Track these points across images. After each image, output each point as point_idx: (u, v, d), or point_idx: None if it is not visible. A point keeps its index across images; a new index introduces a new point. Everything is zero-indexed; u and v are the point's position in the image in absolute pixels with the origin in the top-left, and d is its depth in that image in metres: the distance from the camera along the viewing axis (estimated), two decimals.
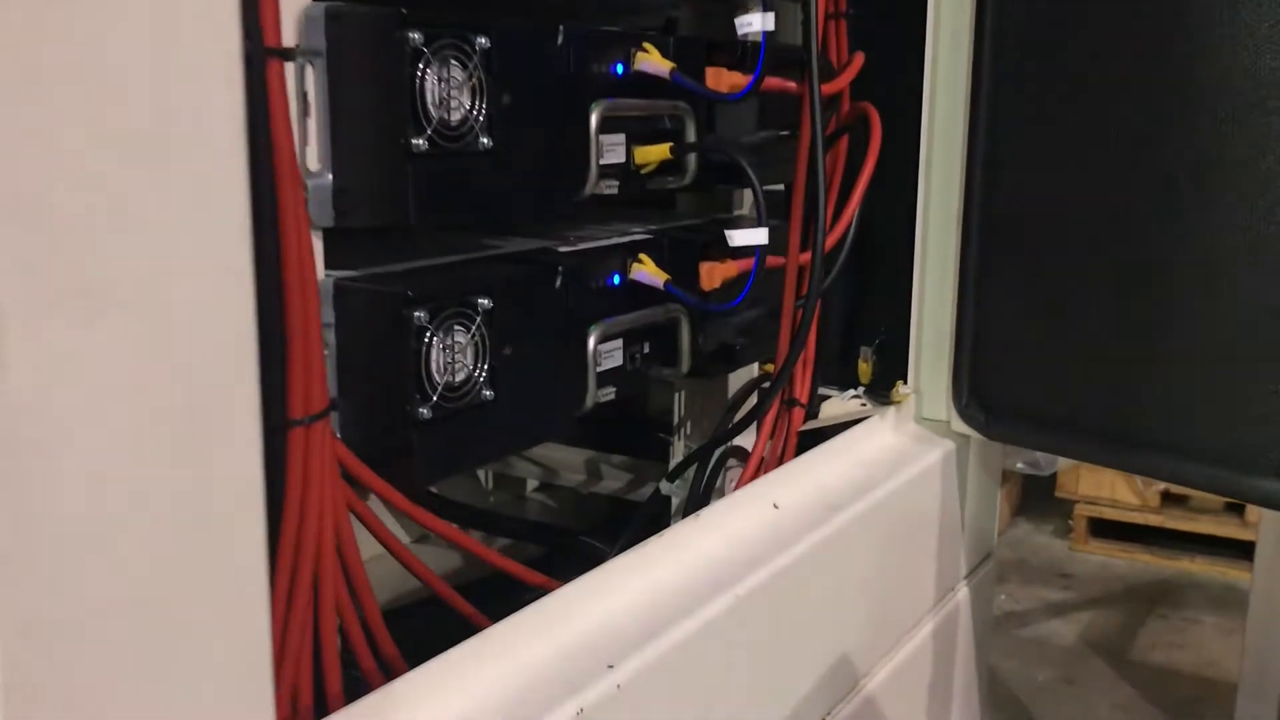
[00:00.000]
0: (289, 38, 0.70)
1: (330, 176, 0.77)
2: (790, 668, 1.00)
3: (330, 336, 0.80)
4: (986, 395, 1.27)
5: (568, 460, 1.40)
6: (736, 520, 1.01)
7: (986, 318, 1.25)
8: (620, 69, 0.95)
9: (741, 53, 1.04)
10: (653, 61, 0.95)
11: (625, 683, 0.78)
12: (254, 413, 0.60)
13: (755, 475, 1.14)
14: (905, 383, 1.34)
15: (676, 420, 1.32)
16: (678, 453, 1.33)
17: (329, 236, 0.80)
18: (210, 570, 0.58)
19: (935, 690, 1.32)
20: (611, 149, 0.96)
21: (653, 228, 1.08)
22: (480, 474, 1.52)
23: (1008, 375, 1.25)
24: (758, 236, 0.96)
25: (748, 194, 1.37)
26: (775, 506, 1.07)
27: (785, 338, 1.12)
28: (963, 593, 1.37)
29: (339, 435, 0.80)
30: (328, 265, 0.80)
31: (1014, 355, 1.24)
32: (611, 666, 0.79)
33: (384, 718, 0.70)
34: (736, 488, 1.16)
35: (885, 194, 1.33)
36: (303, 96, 0.75)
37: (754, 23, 1.00)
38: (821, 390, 1.47)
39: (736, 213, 1.31)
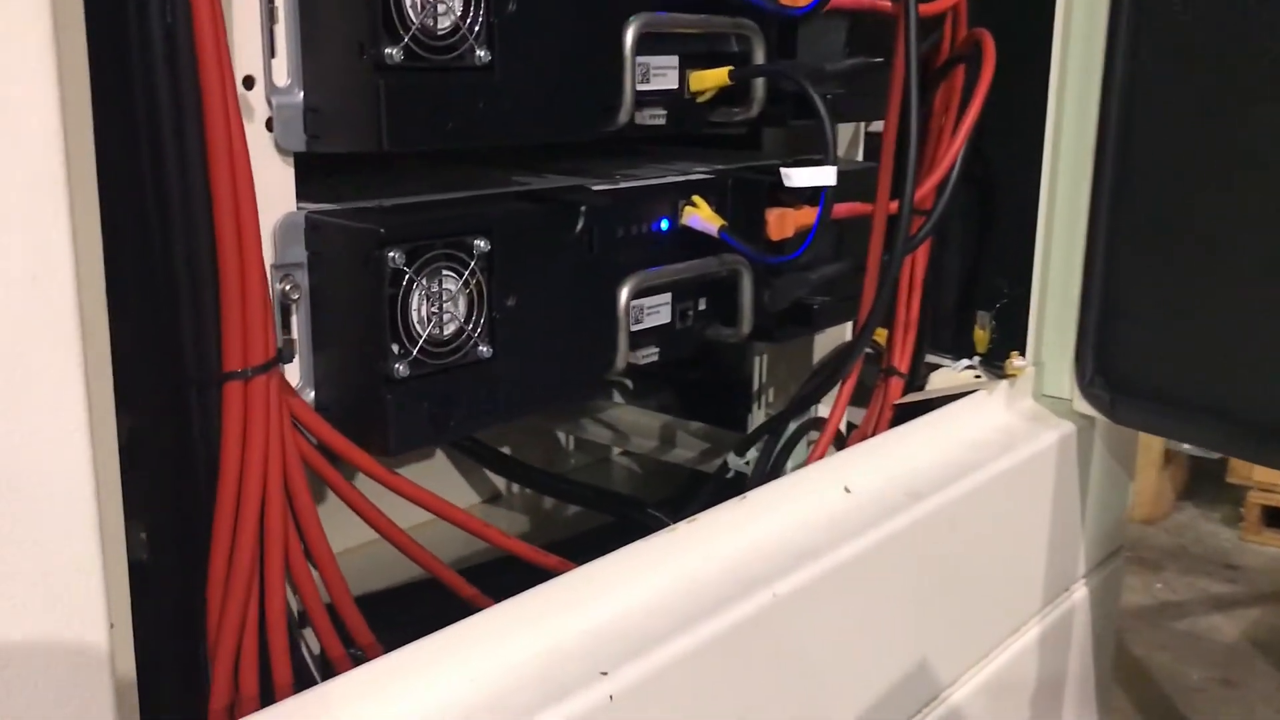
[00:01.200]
0: None
1: (300, 94, 0.67)
2: (841, 677, 0.86)
3: (303, 279, 0.70)
4: (1114, 373, 1.10)
5: (644, 425, 1.29)
6: (793, 504, 0.87)
7: (1117, 286, 1.08)
8: None
9: None
10: None
11: (619, 694, 0.67)
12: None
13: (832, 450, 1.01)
14: (1022, 355, 1.17)
15: (757, 387, 1.19)
16: (757, 422, 1.19)
17: (321, 167, 0.70)
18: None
19: (1040, 702, 1.16)
20: (659, 74, 0.83)
21: (717, 167, 0.95)
22: (561, 435, 1.42)
23: (1139, 351, 1.07)
24: (823, 176, 0.82)
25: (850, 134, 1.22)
26: (847, 490, 0.94)
27: (869, 297, 0.98)
28: (1080, 593, 1.20)
29: (314, 394, 0.71)
30: (315, 199, 0.70)
31: (1148, 329, 1.06)
32: (605, 674, 0.67)
33: (322, 716, 0.60)
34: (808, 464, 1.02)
35: (1014, 136, 1.16)
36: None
37: None
38: (934, 358, 1.32)
39: None
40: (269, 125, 0.67)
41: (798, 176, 0.82)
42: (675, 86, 0.85)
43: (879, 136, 1.02)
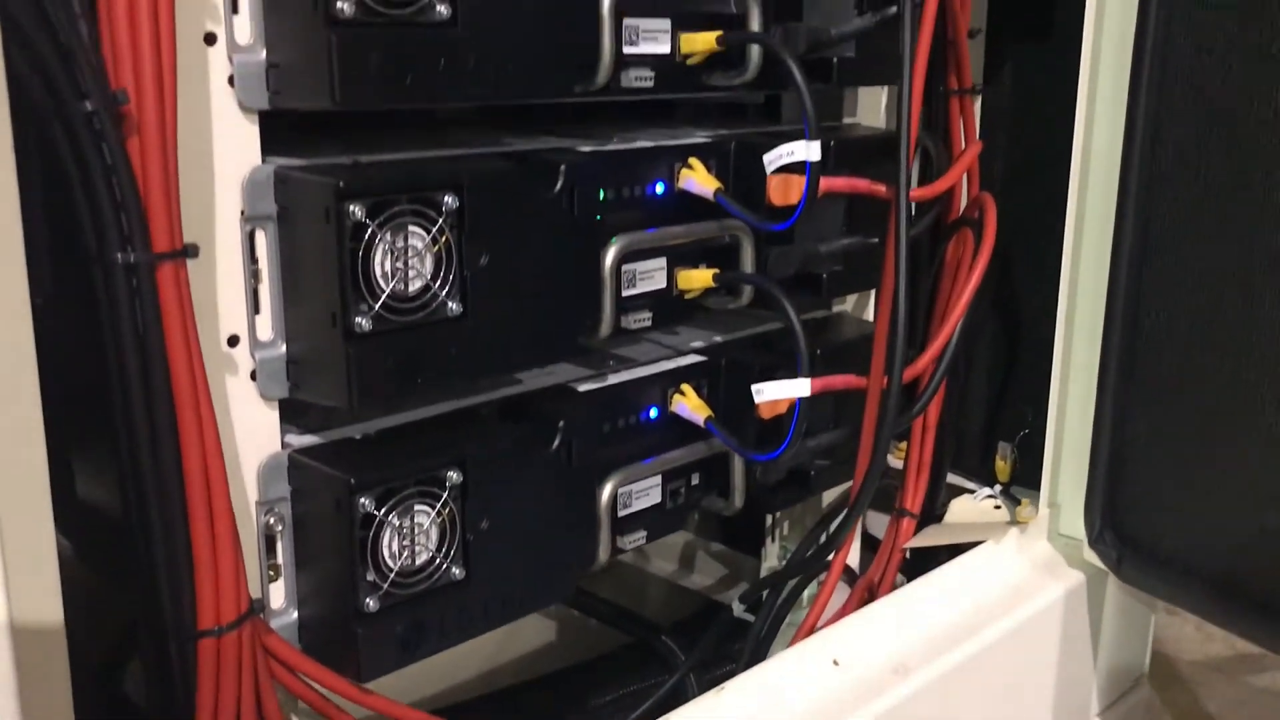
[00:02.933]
0: None
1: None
2: None
3: (287, 511, 0.75)
4: (1122, 530, 1.09)
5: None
6: (772, 695, 0.89)
7: (1126, 443, 1.07)
8: None
9: None
10: None
11: None
12: None
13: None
14: (1033, 501, 1.17)
15: (770, 521, 1.21)
16: (769, 556, 1.22)
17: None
18: None
19: None
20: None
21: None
22: None
23: (1147, 512, 1.07)
24: (806, 150, 0.82)
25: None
26: (835, 663, 0.96)
27: (862, 465, 0.99)
28: None
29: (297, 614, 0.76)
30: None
31: (1156, 491, 1.06)
32: None
33: None
34: (800, 633, 1.04)
35: (1036, 264, 1.16)
36: None
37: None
38: (957, 479, 1.33)
39: None
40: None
41: (770, 390, 0.84)
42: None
43: None
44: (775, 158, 0.84)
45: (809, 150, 0.82)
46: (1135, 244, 1.03)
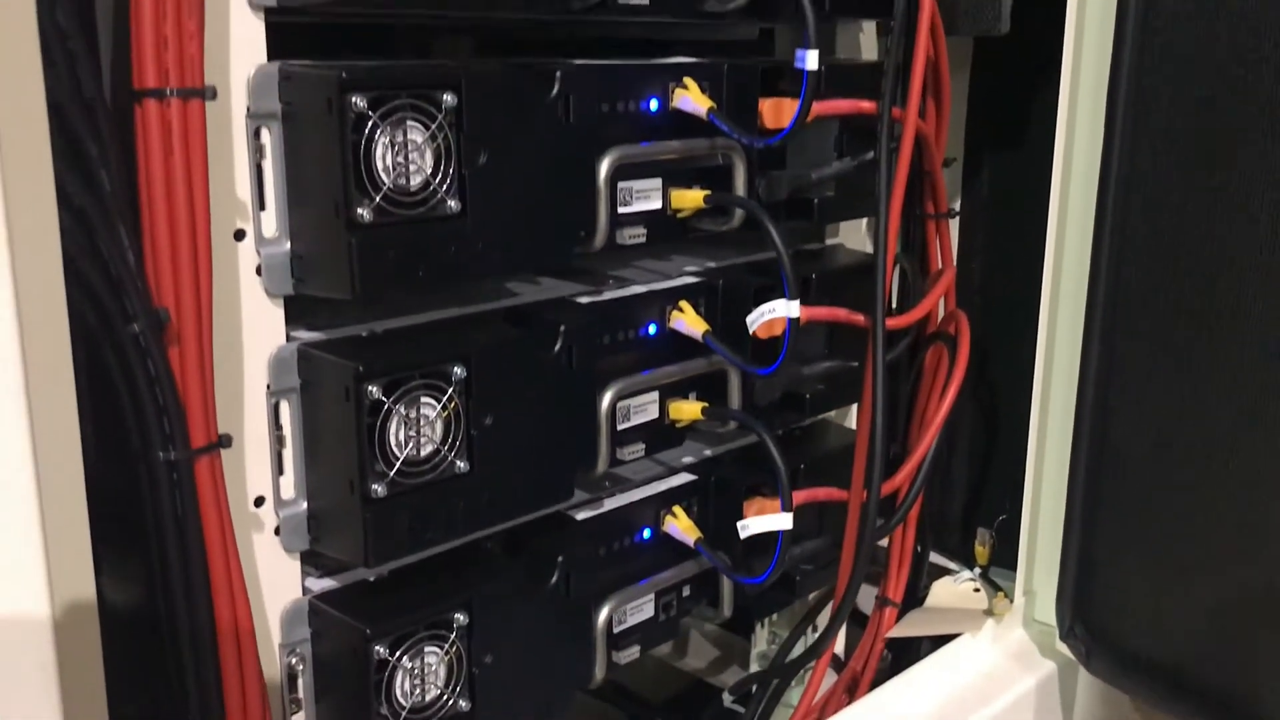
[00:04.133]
0: None
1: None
2: None
3: (307, 651, 0.81)
4: (1091, 625, 1.15)
5: None
6: None
7: (1094, 541, 1.14)
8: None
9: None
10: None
11: None
12: None
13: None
14: (1011, 581, 1.23)
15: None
16: (759, 641, 1.28)
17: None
18: None
19: None
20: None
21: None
22: None
23: (1116, 610, 1.13)
24: (788, 309, 0.91)
25: None
26: None
27: (844, 578, 1.06)
28: None
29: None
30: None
31: (1123, 588, 1.12)
32: None
33: None
34: None
35: (1013, 359, 1.22)
36: None
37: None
38: (939, 559, 1.39)
39: None
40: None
41: (754, 525, 0.91)
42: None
43: None
44: (758, 316, 0.91)
45: (789, 308, 0.89)
46: (1101, 366, 1.09)
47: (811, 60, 0.86)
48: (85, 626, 0.65)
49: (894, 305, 1.18)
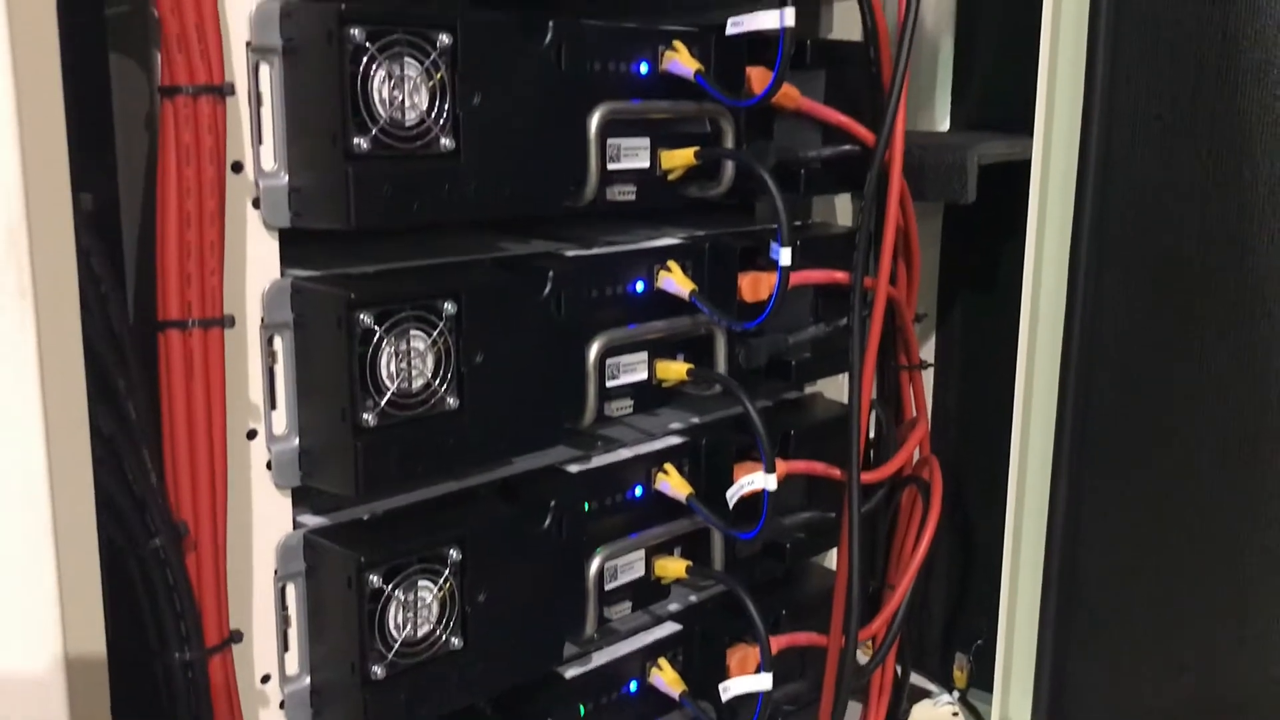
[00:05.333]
0: None
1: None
2: None
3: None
4: None
5: None
6: None
7: (1065, 672, 1.19)
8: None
9: None
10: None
11: None
12: None
13: None
14: (986, 717, 1.28)
15: None
16: None
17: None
18: None
19: None
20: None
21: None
22: None
23: None
24: (766, 481, 0.96)
25: None
26: None
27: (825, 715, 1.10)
28: None
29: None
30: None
31: (1093, 705, 1.17)
32: None
33: None
34: None
35: (988, 488, 1.28)
36: None
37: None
38: (921, 681, 1.44)
39: None
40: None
41: (735, 686, 0.96)
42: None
43: None
44: (736, 490, 0.97)
45: (767, 481, 0.94)
46: (1070, 498, 1.15)
47: (785, 257, 0.92)
48: None
49: (872, 448, 1.24)
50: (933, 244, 1.37)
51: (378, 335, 0.77)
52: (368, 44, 0.74)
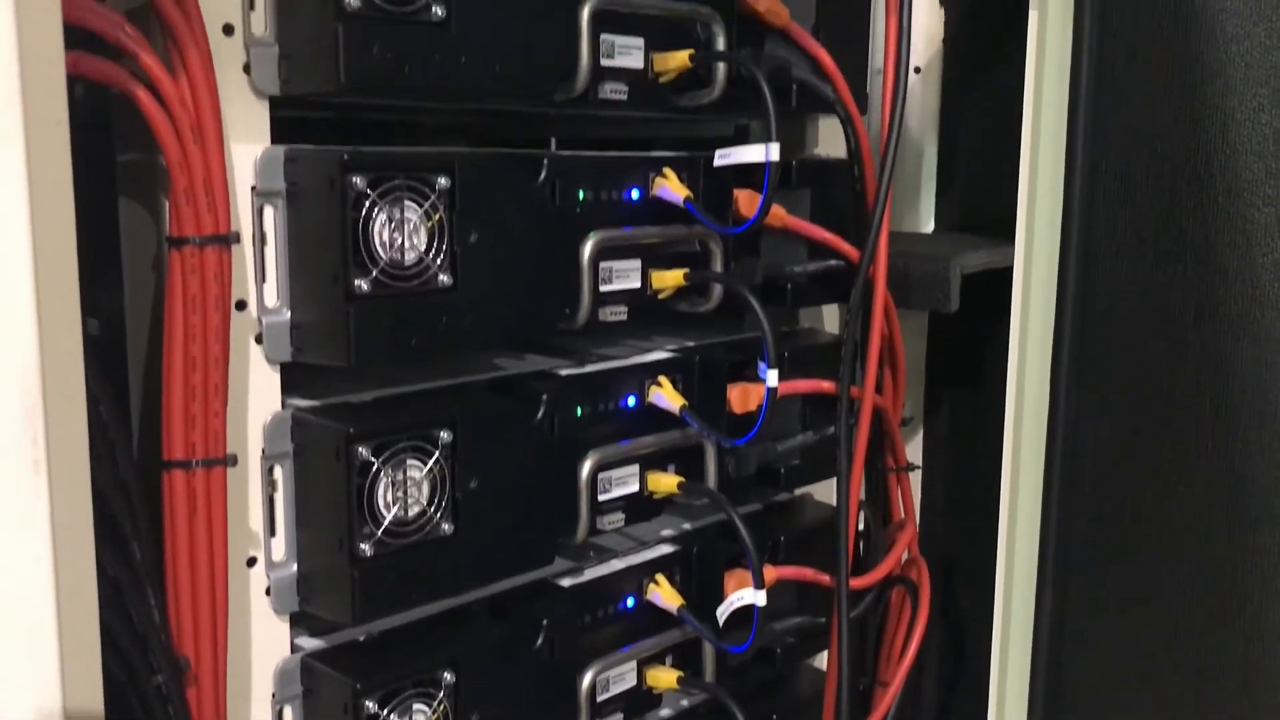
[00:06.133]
0: None
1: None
2: None
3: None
4: None
5: None
6: None
7: None
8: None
9: None
10: None
11: None
12: None
13: None
14: None
15: None
16: None
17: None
18: None
19: None
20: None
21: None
22: None
23: None
24: (755, 597, 0.97)
25: None
26: None
27: None
28: None
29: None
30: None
31: None
32: None
33: None
34: None
35: (975, 578, 1.29)
36: None
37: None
38: None
39: None
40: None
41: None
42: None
43: None
44: (726, 607, 0.99)
45: (756, 596, 0.96)
46: (1055, 600, 1.17)
47: (772, 378, 0.95)
48: None
49: (862, 538, 1.26)
50: (918, 346, 1.40)
51: (375, 466, 0.79)
52: (369, 190, 0.76)
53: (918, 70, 1.41)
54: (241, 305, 0.78)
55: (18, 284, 0.52)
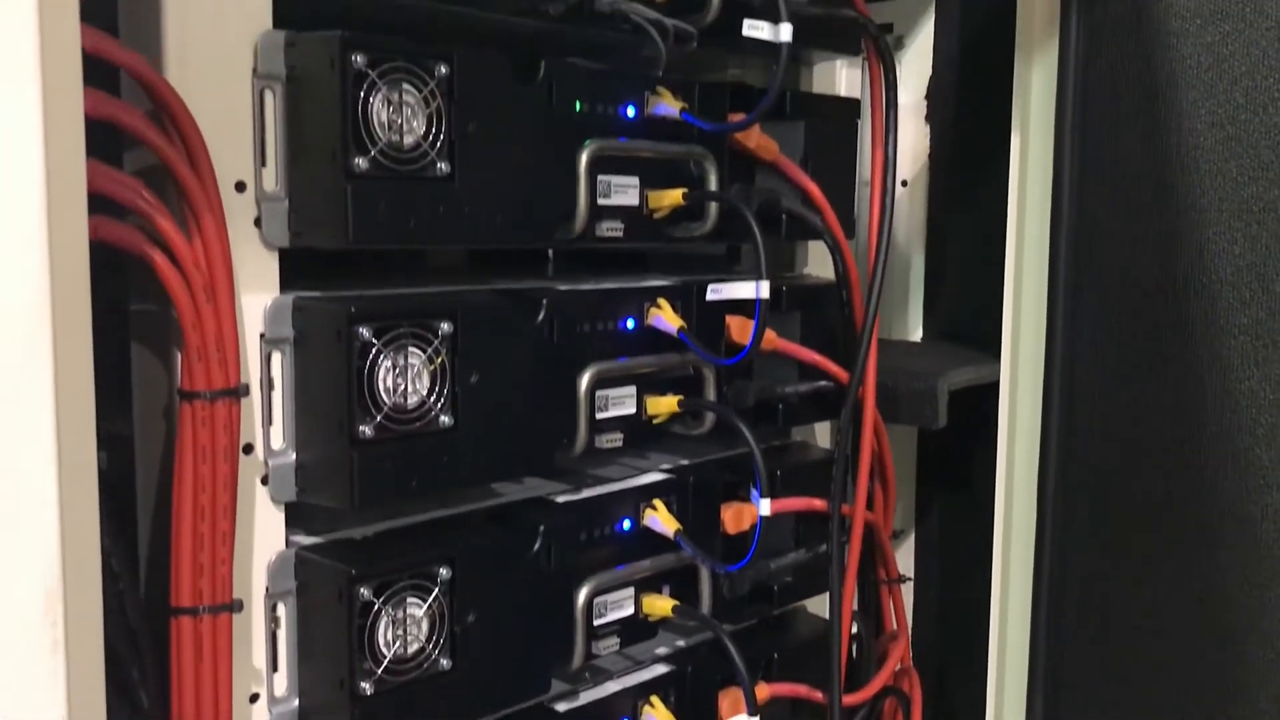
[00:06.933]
0: None
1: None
2: None
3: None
4: None
5: None
6: None
7: None
8: None
9: None
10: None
11: None
12: None
13: None
14: None
15: None
16: None
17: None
18: None
19: None
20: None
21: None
22: None
23: None
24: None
25: None
26: None
27: None
28: None
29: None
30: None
31: None
32: None
33: None
34: None
35: (966, 680, 1.31)
36: None
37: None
38: None
39: None
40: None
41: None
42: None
43: None
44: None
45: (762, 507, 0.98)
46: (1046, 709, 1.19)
47: (765, 507, 0.97)
48: None
49: (855, 642, 1.27)
50: (909, 456, 1.42)
51: (376, 606, 0.81)
52: (374, 340, 0.79)
53: (905, 183, 1.45)
54: (249, 449, 0.80)
55: (43, 491, 0.55)
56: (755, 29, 0.92)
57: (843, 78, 1.26)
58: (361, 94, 0.77)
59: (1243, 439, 1.03)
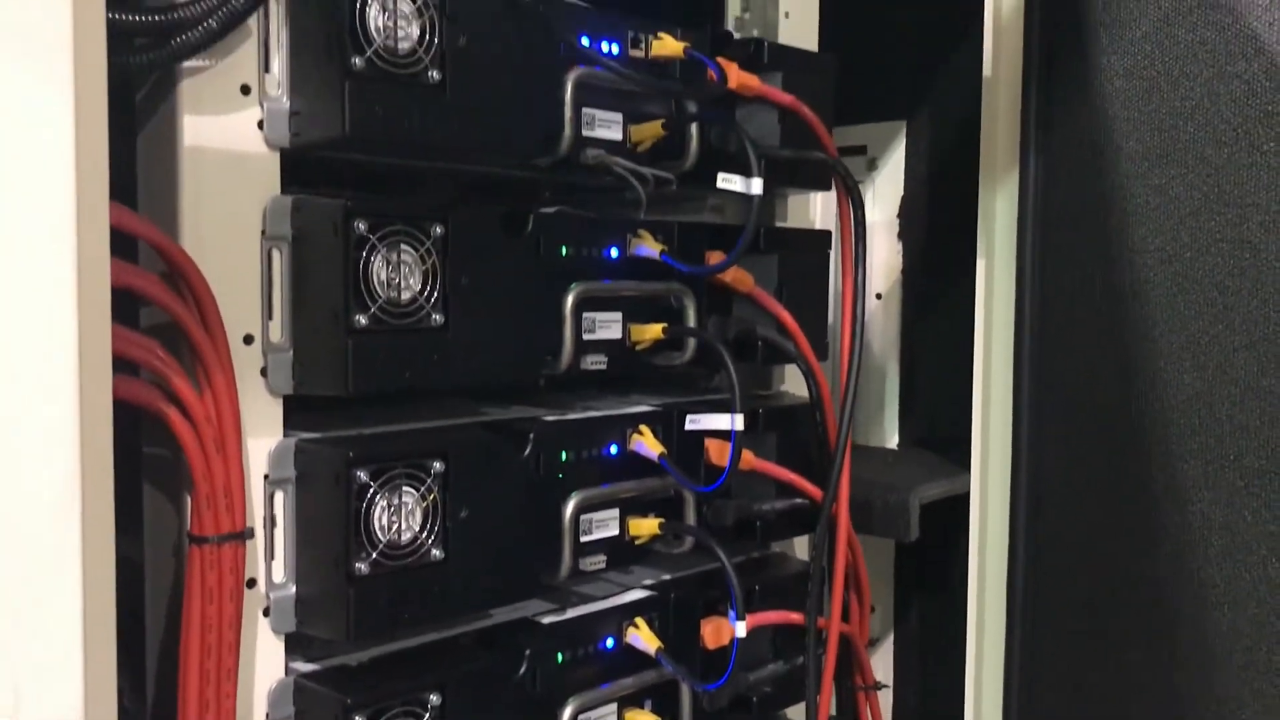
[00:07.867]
0: None
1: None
2: None
3: None
4: None
5: None
6: None
7: None
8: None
9: None
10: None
11: None
12: None
13: None
14: None
15: None
16: None
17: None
18: None
19: None
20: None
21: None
22: None
23: None
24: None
25: None
26: None
27: None
28: None
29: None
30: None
31: None
32: None
33: None
34: None
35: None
36: None
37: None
38: None
39: None
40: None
41: None
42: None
43: None
44: None
45: (738, 629, 1.03)
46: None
47: (741, 629, 1.02)
48: None
49: None
50: (886, 564, 1.47)
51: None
52: (370, 482, 0.85)
53: (879, 296, 1.52)
54: (252, 583, 0.85)
55: (68, 637, 0.60)
56: (728, 182, 0.99)
57: (818, 204, 1.33)
58: (363, 256, 0.83)
59: (1195, 559, 1.08)
